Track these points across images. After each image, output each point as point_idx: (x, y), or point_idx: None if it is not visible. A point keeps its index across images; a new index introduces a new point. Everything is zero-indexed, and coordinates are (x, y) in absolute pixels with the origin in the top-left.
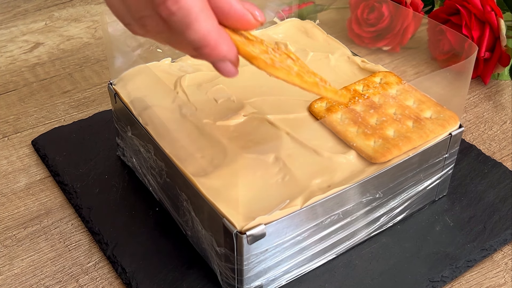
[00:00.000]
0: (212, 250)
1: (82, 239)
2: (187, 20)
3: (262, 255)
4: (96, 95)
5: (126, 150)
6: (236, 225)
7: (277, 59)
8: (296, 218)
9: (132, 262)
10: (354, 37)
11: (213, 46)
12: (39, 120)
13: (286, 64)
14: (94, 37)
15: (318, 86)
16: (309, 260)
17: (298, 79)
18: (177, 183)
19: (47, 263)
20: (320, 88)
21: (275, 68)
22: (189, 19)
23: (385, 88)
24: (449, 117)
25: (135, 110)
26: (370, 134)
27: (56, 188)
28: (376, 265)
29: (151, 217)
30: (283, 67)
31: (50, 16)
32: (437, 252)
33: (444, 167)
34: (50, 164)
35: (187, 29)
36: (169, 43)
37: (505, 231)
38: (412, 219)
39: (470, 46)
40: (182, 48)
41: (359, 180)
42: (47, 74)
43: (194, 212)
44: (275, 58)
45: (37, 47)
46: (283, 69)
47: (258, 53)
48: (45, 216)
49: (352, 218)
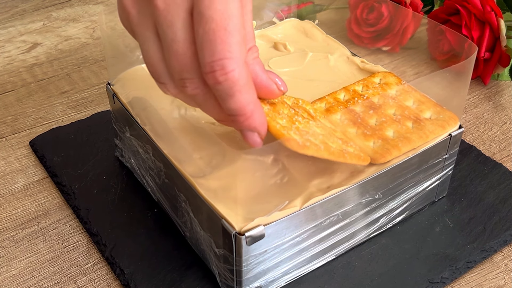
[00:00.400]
0: (210, 251)
1: (80, 240)
2: (231, 90)
3: (261, 256)
4: (94, 96)
5: (124, 150)
6: (235, 226)
7: (301, 125)
8: (295, 219)
9: (130, 263)
10: (354, 37)
11: (248, 116)
12: (37, 120)
13: (313, 134)
14: (92, 37)
15: (344, 155)
16: (308, 261)
17: (327, 153)
18: (176, 184)
19: (45, 264)
20: (346, 157)
21: (306, 148)
22: (233, 90)
23: (385, 88)
24: (449, 117)
25: (134, 110)
26: (369, 135)
27: (54, 189)
28: (375, 266)
29: (150, 218)
30: (312, 144)
31: (48, 16)
32: (437, 253)
33: (443, 168)
34: (48, 165)
35: (229, 98)
36: (199, 106)
37: (505, 232)
38: (412, 220)
39: (470, 46)
40: (213, 112)
41: (359, 181)
42: (45, 74)
43: (193, 213)
44: (300, 125)
45: (35, 47)
46: (312, 147)
47: (286, 125)
48: (43, 217)
49: (351, 219)
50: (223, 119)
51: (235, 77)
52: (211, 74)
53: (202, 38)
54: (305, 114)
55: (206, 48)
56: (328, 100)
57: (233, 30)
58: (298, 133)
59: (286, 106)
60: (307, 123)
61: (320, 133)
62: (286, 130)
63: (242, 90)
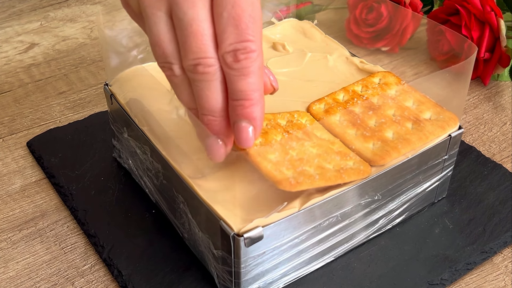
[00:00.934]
0: (209, 253)
1: (77, 241)
2: (247, 70)
3: (259, 257)
4: (92, 96)
5: (122, 151)
6: (233, 228)
7: (295, 152)
8: (294, 221)
9: (128, 264)
10: (353, 37)
11: (253, 103)
12: (34, 121)
13: (308, 160)
14: (90, 37)
15: (342, 177)
16: (307, 263)
17: (323, 181)
18: (174, 185)
19: (43, 266)
20: (344, 178)
21: (299, 185)
22: (249, 70)
23: (384, 88)
24: (449, 118)
25: (131, 111)
26: (369, 137)
27: (51, 190)
28: (374, 268)
29: (148, 219)
30: (305, 178)
31: (46, 16)
32: (437, 254)
33: (443, 169)
34: (46, 165)
35: (243, 79)
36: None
37: (505, 234)
38: (411, 221)
39: (469, 46)
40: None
41: (358, 182)
42: (42, 75)
43: (191, 214)
44: (294, 153)
45: (32, 47)
46: (305, 182)
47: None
48: (40, 218)
49: (350, 221)
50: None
51: (253, 57)
52: (232, 52)
53: (226, 21)
54: (299, 133)
55: (230, 31)
56: (327, 101)
57: (256, 16)
58: (291, 166)
59: (279, 130)
60: (301, 146)
61: (316, 153)
62: (278, 169)
63: (256, 73)
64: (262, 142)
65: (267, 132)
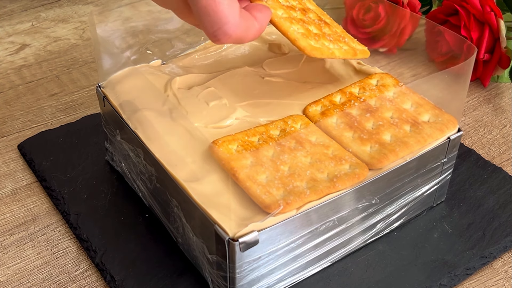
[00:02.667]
0: (203, 258)
1: (69, 246)
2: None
3: (255, 262)
4: (84, 98)
5: (115, 154)
6: (228, 232)
7: (286, 166)
8: (290, 225)
9: (121, 270)
10: None
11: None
12: (25, 123)
13: (300, 174)
14: (82, 38)
15: (335, 186)
16: (303, 268)
17: (314, 196)
18: (168, 188)
19: (34, 271)
20: (337, 187)
21: (288, 205)
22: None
23: (382, 90)
24: (448, 120)
25: (124, 113)
26: (366, 139)
27: (43, 194)
28: (372, 273)
29: (141, 224)
30: (295, 197)
31: (37, 16)
32: (435, 259)
33: (442, 172)
34: (37, 169)
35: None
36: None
37: (505, 238)
38: (410, 225)
39: (469, 47)
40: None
41: (355, 186)
42: (33, 76)
43: (185, 218)
44: (285, 168)
45: (23, 48)
46: (295, 201)
47: (267, 185)
48: (31, 222)
49: (347, 225)
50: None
51: (235, 34)
52: (218, 41)
53: (198, 14)
54: (292, 143)
55: (204, 22)
56: (324, 103)
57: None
58: (281, 185)
59: (271, 144)
60: (294, 158)
61: (310, 163)
62: (267, 191)
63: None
64: (253, 162)
65: (258, 148)
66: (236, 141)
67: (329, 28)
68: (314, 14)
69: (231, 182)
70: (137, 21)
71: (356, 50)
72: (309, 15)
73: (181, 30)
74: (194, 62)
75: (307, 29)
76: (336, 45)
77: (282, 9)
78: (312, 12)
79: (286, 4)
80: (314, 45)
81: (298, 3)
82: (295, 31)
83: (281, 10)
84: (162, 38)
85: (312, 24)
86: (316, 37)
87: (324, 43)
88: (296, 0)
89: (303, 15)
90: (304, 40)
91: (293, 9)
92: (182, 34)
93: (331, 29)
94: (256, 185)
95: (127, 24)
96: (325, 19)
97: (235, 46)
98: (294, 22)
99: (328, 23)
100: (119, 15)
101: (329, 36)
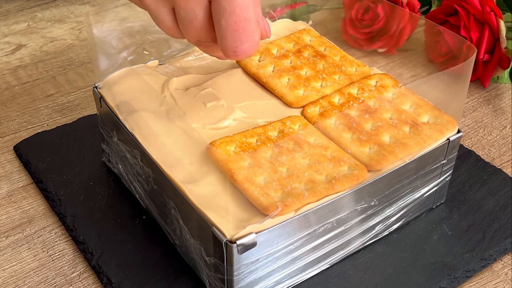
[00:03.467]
0: (201, 260)
1: (66, 248)
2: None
3: (253, 265)
4: (80, 99)
5: (111, 156)
6: (226, 234)
7: (284, 168)
8: (288, 227)
9: (118, 272)
10: (348, 38)
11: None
12: (21, 124)
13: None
14: (78, 38)
15: (334, 187)
16: (301, 270)
17: (313, 197)
18: (165, 190)
19: (30, 274)
20: (336, 188)
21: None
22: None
23: (381, 91)
24: (447, 121)
25: (121, 114)
26: (365, 141)
27: (39, 196)
28: (371, 275)
29: (138, 226)
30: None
31: (33, 17)
32: (435, 262)
33: (441, 173)
34: (33, 170)
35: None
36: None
37: (505, 240)
38: (409, 227)
39: (468, 48)
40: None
41: (354, 187)
42: (29, 77)
43: (183, 220)
44: (283, 169)
45: (19, 49)
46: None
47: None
48: (27, 224)
49: (346, 227)
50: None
51: (253, 53)
52: (234, 56)
53: (225, 28)
54: (291, 144)
55: (229, 37)
56: (322, 104)
57: (251, 17)
58: (279, 187)
59: (269, 146)
60: (292, 160)
61: (308, 164)
62: (266, 193)
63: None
64: (251, 164)
65: (256, 150)
66: (233, 142)
67: (325, 61)
68: (311, 50)
69: (228, 184)
70: (134, 21)
71: (352, 77)
72: (303, 55)
73: None
74: (192, 62)
75: (298, 76)
76: (329, 80)
77: (273, 64)
78: (308, 48)
79: (279, 53)
80: (301, 96)
81: (295, 43)
82: (283, 87)
83: (271, 66)
84: (159, 38)
85: (305, 66)
86: (306, 83)
87: (314, 87)
88: (293, 41)
89: (297, 58)
90: (290, 94)
91: (286, 57)
92: None
93: (327, 61)
94: (254, 186)
95: (124, 24)
96: (322, 51)
97: None
98: (283, 75)
99: (325, 55)
100: (116, 15)
101: (322, 72)
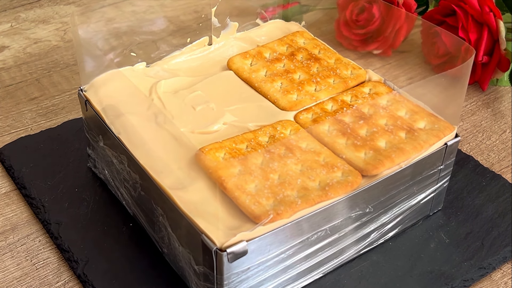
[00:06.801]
0: (190, 269)
1: (50, 256)
2: None
3: (243, 274)
4: (65, 102)
5: (97, 161)
6: (215, 242)
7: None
8: (280, 234)
9: (104, 281)
10: (343, 39)
11: None
12: (4, 129)
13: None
14: (63, 40)
15: (327, 194)
16: (294, 279)
17: (306, 205)
18: (153, 196)
19: (13, 283)
20: (330, 195)
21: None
22: None
23: (375, 98)
24: (444, 126)
25: (108, 118)
26: (360, 146)
27: (22, 202)
28: (366, 284)
29: (125, 233)
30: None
31: (16, 17)
32: (432, 270)
33: (439, 179)
34: (16, 176)
35: None
36: None
37: (504, 248)
38: (405, 235)
39: (467, 49)
40: None
41: (348, 193)
42: (12, 79)
43: (171, 227)
44: (275, 176)
45: (2, 50)
46: (286, 212)
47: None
48: (10, 232)
49: (340, 234)
50: None
51: None
52: None
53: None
54: (282, 150)
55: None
56: (315, 111)
57: None
58: (271, 195)
59: (260, 152)
60: (284, 166)
61: (300, 171)
62: (257, 201)
63: None
64: (242, 171)
65: (247, 156)
66: (223, 148)
67: (320, 64)
68: (304, 53)
69: (218, 190)
70: (120, 22)
71: (347, 80)
72: (297, 58)
73: (166, 31)
74: (180, 64)
75: (291, 80)
76: (324, 84)
77: (265, 68)
78: (302, 51)
79: (272, 57)
80: (294, 100)
81: (288, 46)
82: (276, 91)
83: (264, 70)
84: (146, 39)
85: (299, 69)
86: (299, 87)
87: (308, 91)
88: (286, 44)
89: (290, 62)
90: (284, 99)
91: (279, 60)
92: (168, 36)
93: (321, 64)
94: (245, 195)
95: (110, 25)
96: (317, 54)
97: (223, 48)
98: (276, 79)
99: (319, 58)
100: (102, 15)
101: (316, 76)
